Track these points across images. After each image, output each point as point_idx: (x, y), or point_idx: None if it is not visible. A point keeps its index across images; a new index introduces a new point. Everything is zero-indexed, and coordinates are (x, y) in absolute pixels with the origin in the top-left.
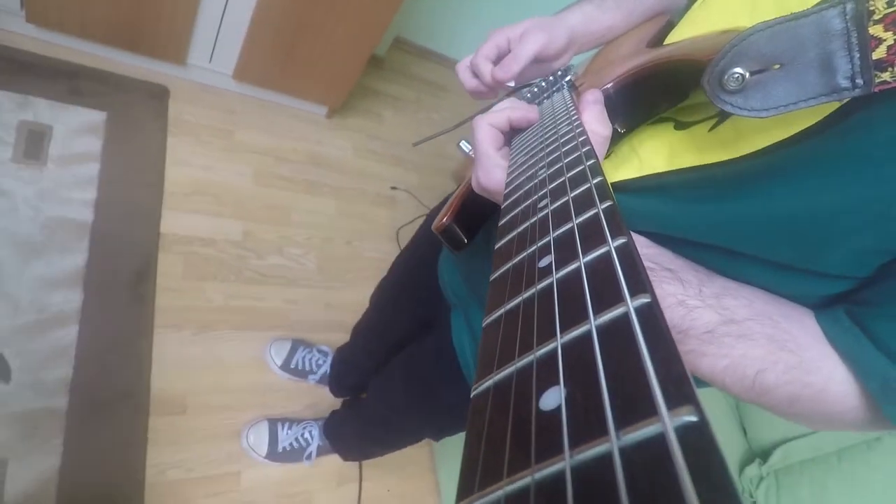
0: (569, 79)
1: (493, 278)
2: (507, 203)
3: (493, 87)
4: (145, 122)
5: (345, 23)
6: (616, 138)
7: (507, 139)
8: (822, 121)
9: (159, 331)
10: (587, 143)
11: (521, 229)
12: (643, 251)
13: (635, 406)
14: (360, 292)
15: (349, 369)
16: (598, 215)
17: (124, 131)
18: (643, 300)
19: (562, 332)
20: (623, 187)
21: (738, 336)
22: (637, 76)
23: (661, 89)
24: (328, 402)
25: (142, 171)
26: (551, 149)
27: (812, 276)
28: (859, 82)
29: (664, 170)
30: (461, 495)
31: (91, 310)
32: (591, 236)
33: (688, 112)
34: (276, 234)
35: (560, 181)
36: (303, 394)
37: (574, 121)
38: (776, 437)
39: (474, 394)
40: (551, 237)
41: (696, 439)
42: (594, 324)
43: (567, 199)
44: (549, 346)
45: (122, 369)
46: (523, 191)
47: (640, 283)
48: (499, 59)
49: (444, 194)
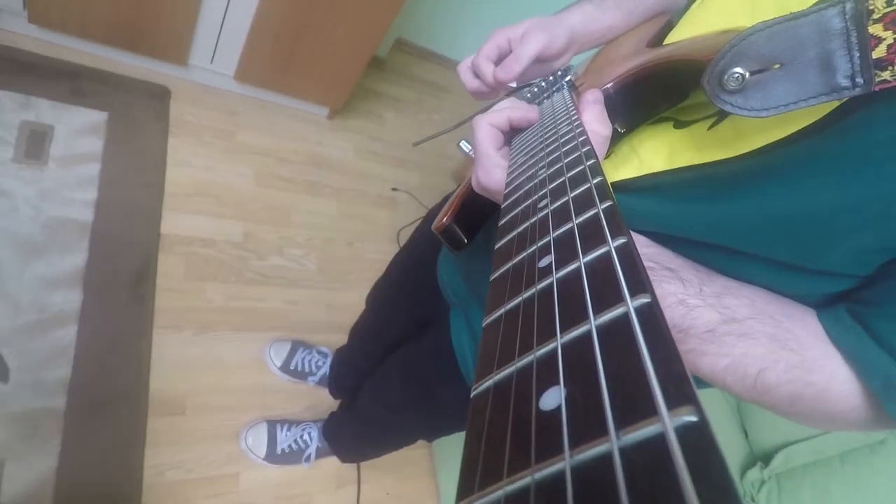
0: (569, 79)
1: (493, 278)
2: (507, 203)
3: (495, 88)
4: (146, 123)
5: (346, 24)
6: (616, 138)
7: (507, 139)
8: (821, 120)
9: (159, 331)
10: (587, 142)
11: (521, 229)
12: (643, 250)
13: (635, 406)
14: (361, 293)
15: (348, 371)
16: (598, 215)
17: (125, 132)
18: (643, 300)
19: (562, 332)
20: (623, 187)
21: (739, 335)
22: (637, 76)
23: (660, 89)
24: (328, 403)
25: (143, 171)
26: (551, 149)
27: (813, 275)
28: (859, 81)
29: (663, 169)
30: (461, 495)
31: (91, 310)
32: (591, 236)
33: (688, 111)
34: (276, 235)
35: (560, 181)
36: (302, 395)
37: (574, 121)
38: (778, 441)
39: (474, 394)
40: (551, 237)
41: (697, 439)
42: (594, 324)
43: (567, 198)
44: (549, 346)
45: (121, 369)
46: (523, 191)
47: (640, 282)
48: (500, 60)
49: (445, 194)
